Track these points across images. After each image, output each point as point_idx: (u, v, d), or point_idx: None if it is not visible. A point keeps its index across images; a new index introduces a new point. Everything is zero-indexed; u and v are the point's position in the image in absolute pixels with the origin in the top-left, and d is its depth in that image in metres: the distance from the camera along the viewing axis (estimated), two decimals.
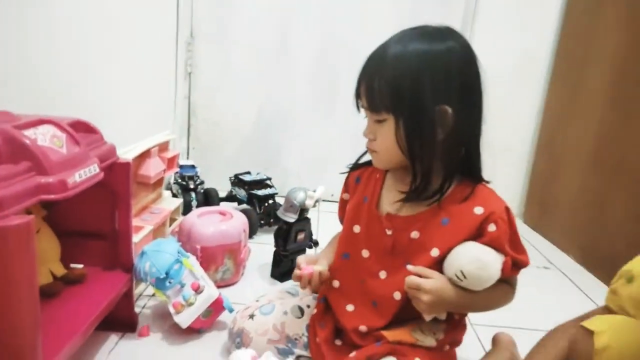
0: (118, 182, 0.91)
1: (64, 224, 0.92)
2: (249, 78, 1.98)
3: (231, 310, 1.00)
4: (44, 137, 0.72)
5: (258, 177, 1.72)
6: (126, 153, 1.08)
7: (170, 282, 0.98)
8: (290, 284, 1.08)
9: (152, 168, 1.21)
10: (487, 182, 0.84)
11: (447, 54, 0.76)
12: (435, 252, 0.79)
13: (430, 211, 0.81)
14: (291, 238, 1.27)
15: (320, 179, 1.50)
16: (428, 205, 0.81)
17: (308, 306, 0.95)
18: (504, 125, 1.98)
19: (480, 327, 1.12)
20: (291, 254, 1.29)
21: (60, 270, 0.89)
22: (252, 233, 1.52)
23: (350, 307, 0.87)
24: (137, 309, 1.05)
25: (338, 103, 1.98)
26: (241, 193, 1.70)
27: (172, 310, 0.97)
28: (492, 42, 1.88)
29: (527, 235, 1.85)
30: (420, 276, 0.76)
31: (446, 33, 0.78)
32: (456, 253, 0.77)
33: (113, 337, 0.97)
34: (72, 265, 0.93)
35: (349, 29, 1.89)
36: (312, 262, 0.90)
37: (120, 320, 0.98)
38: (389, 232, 0.83)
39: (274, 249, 1.31)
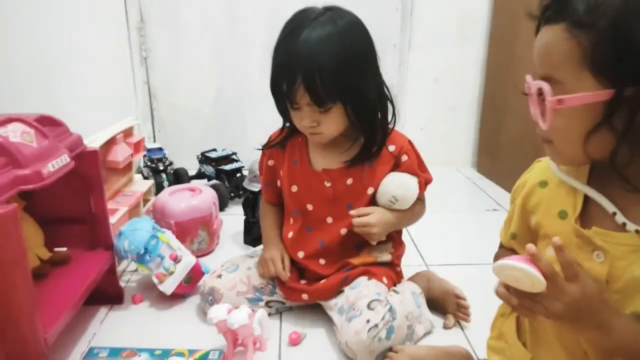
0: (89, 169, 0.99)
1: (44, 212, 0.99)
2: (204, 57, 2.03)
3: (208, 272, 1.10)
4: (15, 134, 0.79)
5: (224, 153, 1.80)
6: (93, 142, 1.15)
7: (150, 256, 1.07)
8: (251, 250, 1.21)
9: (120, 153, 1.27)
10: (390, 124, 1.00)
11: (358, 31, 0.89)
12: (370, 190, 0.97)
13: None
14: (258, 206, 1.37)
15: None
16: (352, 154, 0.96)
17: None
18: (452, 84, 2.10)
19: (434, 267, 1.25)
20: (260, 221, 1.39)
21: (45, 254, 0.97)
22: (223, 206, 1.61)
23: (301, 254, 1.03)
24: (122, 284, 1.14)
25: None
26: (209, 169, 1.78)
27: (155, 280, 1.07)
28: (434, 4, 1.98)
29: (480, 183, 2.00)
30: (360, 215, 0.94)
31: (338, 11, 0.89)
32: (384, 184, 0.96)
33: (103, 310, 1.07)
34: (57, 249, 1.01)
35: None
36: (281, 256, 1.03)
37: (108, 294, 1.07)
38: (327, 184, 0.99)
39: (244, 218, 1.41)
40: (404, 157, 0.97)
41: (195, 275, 1.10)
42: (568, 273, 0.52)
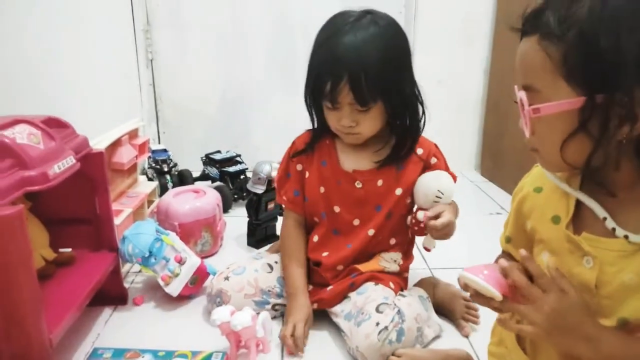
0: (94, 171, 0.99)
1: (50, 213, 1.00)
2: (209, 60, 2.04)
3: (215, 274, 1.10)
4: (22, 136, 0.80)
5: (228, 155, 1.80)
6: (98, 143, 1.16)
7: (155, 259, 1.08)
8: (256, 252, 1.20)
9: (125, 155, 1.28)
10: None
11: (399, 34, 0.91)
12: (399, 191, 0.99)
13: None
14: (262, 208, 1.37)
15: None
16: (383, 156, 0.98)
17: (276, 262, 1.08)
18: (456, 87, 2.10)
19: (437, 270, 1.25)
20: (264, 223, 1.40)
21: (50, 255, 0.98)
22: (227, 207, 1.62)
23: (325, 254, 1.03)
24: (126, 285, 1.15)
25: (298, 77, 2.04)
26: (213, 171, 1.79)
27: (161, 283, 1.07)
28: (438, 6, 1.99)
29: (483, 186, 2.00)
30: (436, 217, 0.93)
31: (376, 14, 0.91)
32: (425, 183, 0.97)
33: (107, 311, 1.07)
34: (61, 250, 1.01)
35: (300, 2, 1.96)
36: (305, 320, 0.96)
37: (112, 295, 1.08)
38: (358, 185, 0.99)
39: (247, 220, 1.42)
40: (433, 160, 1.00)
41: (200, 276, 1.11)
42: (541, 282, 0.54)
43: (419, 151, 1.00)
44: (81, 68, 1.44)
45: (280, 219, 1.48)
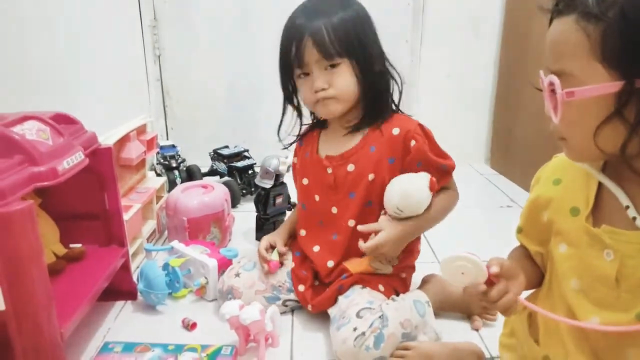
0: (103, 166, 1.00)
1: (60, 209, 1.00)
2: (216, 55, 2.04)
3: (236, 256, 1.13)
4: (31, 132, 0.80)
5: (236, 150, 1.81)
6: (106, 139, 1.16)
7: (178, 283, 1.09)
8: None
9: (133, 151, 1.29)
10: (401, 112, 1.00)
11: (358, 4, 0.94)
12: (371, 177, 0.95)
13: (358, 145, 0.97)
14: (270, 203, 1.37)
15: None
16: (356, 141, 0.96)
17: (286, 258, 1.07)
18: (465, 80, 2.08)
19: None
20: (272, 217, 1.40)
21: (61, 250, 0.99)
22: (235, 202, 1.62)
23: (316, 248, 1.02)
24: (136, 280, 1.15)
25: None
26: (222, 166, 1.79)
27: (198, 297, 1.11)
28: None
29: (493, 179, 1.98)
30: (369, 231, 0.90)
31: None
32: (387, 194, 0.91)
33: (117, 305, 1.08)
34: (72, 245, 1.02)
35: None
36: (270, 246, 1.06)
37: (122, 290, 1.09)
38: (329, 171, 0.99)
39: (256, 214, 1.42)
40: (412, 142, 0.92)
41: (226, 268, 1.11)
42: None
43: (395, 131, 0.93)
44: (89, 64, 1.45)
45: (288, 213, 1.48)
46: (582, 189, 0.58)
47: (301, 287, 1.01)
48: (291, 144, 1.08)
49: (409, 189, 0.89)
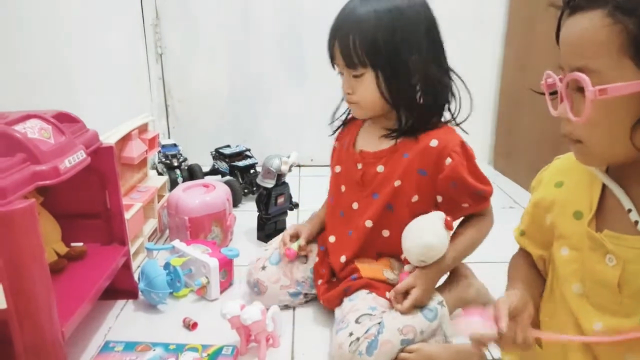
0: (104, 165, 1.00)
1: (61, 207, 1.00)
2: (218, 54, 2.04)
3: (237, 255, 1.13)
4: (33, 130, 0.80)
5: (237, 149, 1.80)
6: (108, 138, 1.16)
7: (179, 282, 1.09)
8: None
9: (135, 150, 1.28)
10: (455, 124, 0.96)
11: (411, 10, 0.87)
12: (397, 183, 0.92)
13: (393, 147, 0.94)
14: (272, 202, 1.37)
15: (298, 145, 1.59)
16: (391, 143, 0.94)
17: (311, 251, 1.08)
18: (467, 80, 2.06)
19: None
20: (273, 217, 1.40)
21: (62, 249, 0.98)
22: (236, 202, 1.62)
23: (332, 239, 1.02)
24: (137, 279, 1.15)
25: (307, 70, 2.04)
26: (223, 166, 1.79)
27: (199, 296, 1.11)
28: None
29: (496, 179, 1.97)
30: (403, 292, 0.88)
31: None
32: (406, 244, 0.89)
33: (119, 304, 1.08)
34: (73, 244, 1.02)
35: None
36: (296, 235, 1.07)
37: (123, 289, 1.09)
38: (359, 166, 0.97)
39: (257, 214, 1.41)
40: (448, 160, 0.87)
41: (227, 268, 1.13)
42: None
43: (433, 142, 0.89)
44: (90, 63, 1.44)
45: (289, 213, 1.48)
46: (586, 192, 0.58)
47: (320, 282, 1.02)
48: (335, 131, 1.07)
49: (427, 240, 0.86)
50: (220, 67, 2.05)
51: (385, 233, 0.96)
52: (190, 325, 0.99)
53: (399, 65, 0.86)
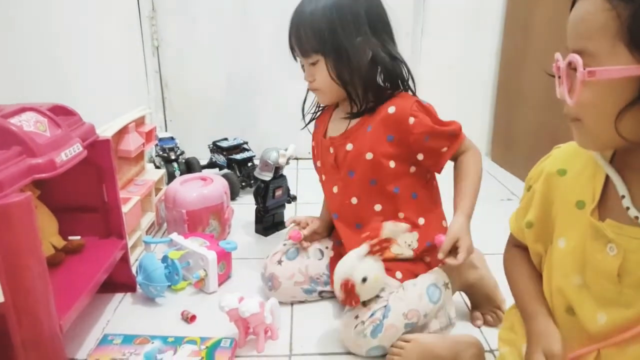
0: (101, 158, 0.99)
1: (58, 201, 1.00)
2: (215, 47, 2.02)
3: (235, 248, 1.13)
4: (29, 123, 0.79)
5: (235, 142, 1.80)
6: (105, 131, 1.15)
7: (177, 276, 1.09)
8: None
9: (132, 143, 1.28)
10: (412, 92, 0.99)
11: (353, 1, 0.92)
12: (369, 156, 0.95)
13: (357, 124, 0.98)
14: (269, 195, 1.37)
15: (296, 137, 1.57)
16: (355, 121, 0.98)
17: (327, 247, 1.09)
18: (466, 72, 2.06)
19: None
20: (271, 210, 1.40)
21: (60, 243, 0.98)
22: (234, 195, 1.62)
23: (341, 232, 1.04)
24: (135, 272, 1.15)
25: None
26: (221, 159, 1.78)
27: (197, 289, 1.11)
28: None
29: (494, 172, 1.98)
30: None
31: None
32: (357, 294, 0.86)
33: (117, 298, 1.08)
34: (70, 238, 1.02)
35: None
36: (305, 223, 1.09)
37: (121, 282, 1.09)
38: (331, 150, 1.02)
39: (255, 207, 1.41)
40: (411, 120, 0.91)
41: (225, 260, 1.13)
42: None
43: (390, 109, 0.93)
44: (86, 56, 1.43)
45: (287, 206, 1.48)
46: (589, 181, 0.57)
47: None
48: (305, 126, 1.10)
49: (365, 277, 0.85)
50: (217, 59, 2.04)
51: (378, 207, 0.98)
52: (189, 318, 0.99)
53: (343, 49, 0.92)
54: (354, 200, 0.99)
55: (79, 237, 1.03)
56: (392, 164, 0.95)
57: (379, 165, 0.95)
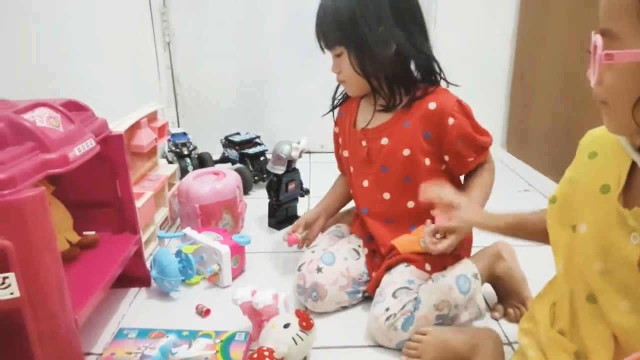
0: (114, 154, 0.99)
1: (72, 196, 1.00)
2: (226, 42, 2.02)
3: (249, 242, 1.13)
4: (42, 119, 0.79)
5: (247, 137, 1.80)
6: (117, 126, 1.15)
7: (191, 270, 1.09)
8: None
9: (144, 138, 1.28)
10: (449, 84, 0.98)
11: None
12: (406, 152, 0.95)
13: (394, 118, 0.97)
14: (282, 189, 1.36)
15: (308, 131, 1.57)
16: (391, 115, 0.97)
17: (359, 245, 1.06)
18: (480, 63, 2.03)
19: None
20: (284, 204, 1.39)
21: (74, 238, 0.99)
22: (247, 189, 1.61)
23: (373, 226, 1.02)
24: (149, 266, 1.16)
25: (315, 55, 2.01)
26: (233, 153, 1.78)
27: (211, 283, 1.11)
28: None
29: (509, 162, 1.94)
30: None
31: None
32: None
33: (132, 292, 1.09)
34: (85, 233, 1.02)
35: None
36: (312, 220, 1.09)
37: (136, 277, 1.09)
38: (364, 143, 0.99)
39: (268, 201, 1.41)
40: (451, 120, 0.91)
41: (238, 254, 1.13)
42: None
43: (431, 105, 0.92)
44: (98, 51, 1.44)
45: (300, 200, 1.47)
46: (615, 165, 0.56)
47: (374, 274, 1.00)
48: (326, 113, 1.10)
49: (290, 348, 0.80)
50: (228, 54, 2.04)
51: (410, 204, 0.98)
52: (203, 312, 0.99)
53: (364, 40, 0.90)
54: (387, 196, 0.98)
55: (93, 232, 1.03)
56: (427, 161, 0.95)
57: (415, 162, 0.94)
